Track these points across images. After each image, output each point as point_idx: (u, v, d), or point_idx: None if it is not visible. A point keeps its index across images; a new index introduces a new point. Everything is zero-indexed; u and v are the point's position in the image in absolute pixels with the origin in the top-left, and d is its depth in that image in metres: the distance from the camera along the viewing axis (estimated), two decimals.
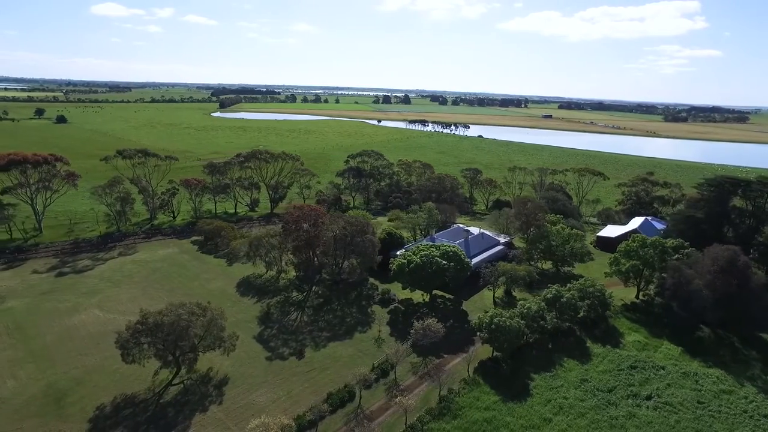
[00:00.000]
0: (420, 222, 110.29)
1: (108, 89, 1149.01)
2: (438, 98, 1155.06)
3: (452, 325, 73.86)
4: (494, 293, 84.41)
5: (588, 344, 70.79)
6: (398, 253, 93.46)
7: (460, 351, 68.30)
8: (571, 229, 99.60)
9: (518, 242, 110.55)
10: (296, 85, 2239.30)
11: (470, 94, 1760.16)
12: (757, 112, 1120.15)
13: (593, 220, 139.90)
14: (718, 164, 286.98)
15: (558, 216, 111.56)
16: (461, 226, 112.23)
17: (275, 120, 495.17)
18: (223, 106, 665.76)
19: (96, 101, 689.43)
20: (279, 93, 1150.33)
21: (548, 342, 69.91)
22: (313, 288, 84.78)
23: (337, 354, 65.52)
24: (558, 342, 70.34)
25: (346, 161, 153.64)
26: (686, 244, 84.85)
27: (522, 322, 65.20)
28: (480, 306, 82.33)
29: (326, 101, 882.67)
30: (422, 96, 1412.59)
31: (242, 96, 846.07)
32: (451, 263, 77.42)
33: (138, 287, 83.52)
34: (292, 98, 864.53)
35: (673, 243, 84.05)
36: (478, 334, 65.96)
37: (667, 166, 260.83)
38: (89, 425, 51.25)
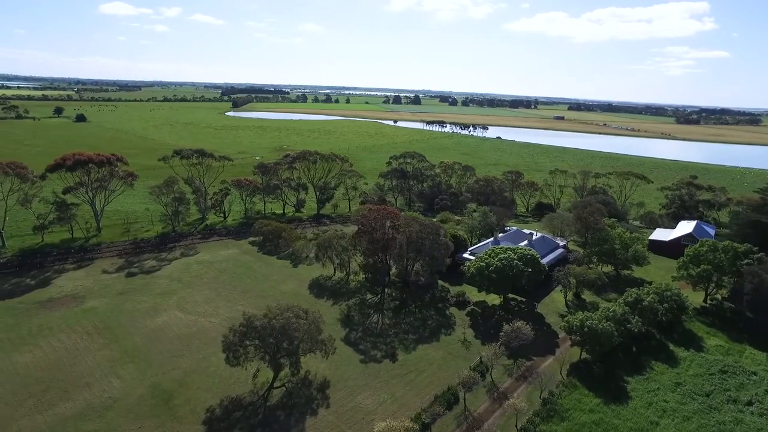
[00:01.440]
0: (476, 224, 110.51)
1: (118, 88, 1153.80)
2: (447, 99, 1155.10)
3: (533, 327, 73.98)
4: (566, 296, 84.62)
5: (671, 347, 71.04)
6: (465, 255, 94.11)
7: (547, 353, 68.73)
8: (631, 233, 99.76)
9: (571, 245, 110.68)
10: (303, 84, 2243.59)
11: (477, 94, 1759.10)
12: (766, 114, 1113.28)
13: (636, 223, 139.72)
14: (742, 167, 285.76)
15: (612, 219, 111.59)
16: (512, 228, 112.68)
17: (292, 120, 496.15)
18: (236, 105, 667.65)
19: (109, 100, 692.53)
20: (288, 93, 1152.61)
21: (632, 345, 70.13)
22: (385, 290, 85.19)
23: (428, 356, 65.92)
24: (641, 345, 70.60)
25: (389, 162, 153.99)
26: (755, 248, 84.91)
27: (613, 325, 65.35)
28: (552, 308, 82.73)
29: (337, 101, 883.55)
30: (430, 96, 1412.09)
31: (253, 96, 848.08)
32: (529, 266, 77.69)
33: (210, 288, 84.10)
34: (303, 98, 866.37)
35: (743, 248, 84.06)
36: (570, 336, 66.11)
37: (693, 169, 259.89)
38: (204, 427, 51.69)
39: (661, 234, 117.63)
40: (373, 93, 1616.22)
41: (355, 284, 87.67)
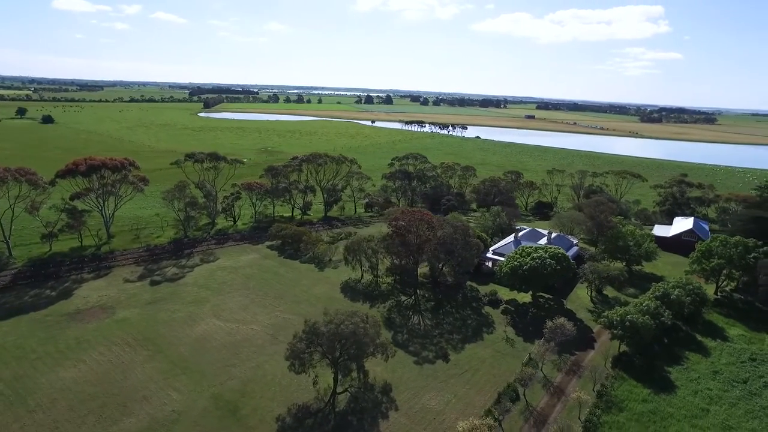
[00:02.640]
0: (489, 224, 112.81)
1: (78, 88, 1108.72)
2: (418, 98, 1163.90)
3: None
4: (592, 292, 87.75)
5: (699, 338, 74.96)
6: (488, 255, 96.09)
7: (587, 348, 71.40)
8: (641, 231, 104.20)
9: (580, 243, 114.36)
10: (271, 84, 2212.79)
11: (446, 94, 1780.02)
12: (720, 113, 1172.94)
13: (633, 221, 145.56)
14: (710, 165, 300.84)
15: (619, 217, 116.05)
16: (524, 227, 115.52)
17: (270, 121, 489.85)
18: (207, 106, 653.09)
19: (72, 100, 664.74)
20: (257, 93, 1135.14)
21: (663, 337, 73.55)
22: (417, 291, 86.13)
23: (478, 355, 67.31)
24: (670, 336, 74.16)
25: (391, 164, 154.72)
26: (760, 243, 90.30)
27: (651, 319, 68.44)
28: (579, 304, 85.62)
29: (309, 101, 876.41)
30: (401, 96, 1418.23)
31: (224, 96, 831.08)
32: (560, 264, 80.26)
33: (241, 295, 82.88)
34: (274, 98, 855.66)
35: (752, 242, 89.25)
36: (612, 331, 68.67)
37: (669, 166, 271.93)
38: None
39: (660, 230, 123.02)
40: (342, 93, 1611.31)
41: (386, 286, 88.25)
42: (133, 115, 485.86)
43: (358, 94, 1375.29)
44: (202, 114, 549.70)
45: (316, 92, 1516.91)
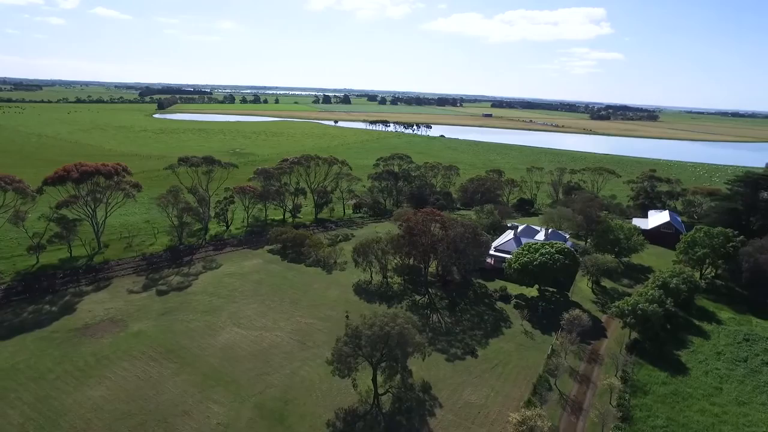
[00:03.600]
0: (484, 222, 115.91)
1: (12, 87, 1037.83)
2: (375, 98, 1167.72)
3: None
4: (592, 283, 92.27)
5: (696, 323, 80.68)
6: (492, 252, 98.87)
7: (600, 336, 75.37)
8: (628, 224, 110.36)
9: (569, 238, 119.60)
10: (224, 84, 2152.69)
11: (401, 93, 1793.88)
12: (660, 111, 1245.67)
13: (613, 215, 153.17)
14: (665, 160, 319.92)
15: (605, 212, 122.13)
16: (514, 224, 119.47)
17: (231, 122, 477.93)
18: (161, 107, 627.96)
19: (9, 100, 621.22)
20: (210, 93, 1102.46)
21: (666, 323, 78.59)
22: (429, 290, 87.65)
23: (503, 349, 69.61)
24: (671, 322, 79.27)
25: (377, 164, 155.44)
26: (736, 233, 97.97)
27: (659, 308, 73.08)
28: (582, 296, 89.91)
29: (266, 101, 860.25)
30: (357, 95, 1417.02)
31: (177, 97, 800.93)
32: (567, 259, 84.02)
33: (255, 301, 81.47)
34: (230, 99, 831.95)
35: (730, 232, 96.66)
36: (626, 320, 72.64)
37: (628, 162, 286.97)
38: None
39: (639, 223, 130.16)
40: (297, 93, 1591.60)
41: (397, 287, 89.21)
42: (84, 117, 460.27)
43: (315, 93, 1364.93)
44: (157, 115, 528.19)
45: (270, 92, 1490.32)
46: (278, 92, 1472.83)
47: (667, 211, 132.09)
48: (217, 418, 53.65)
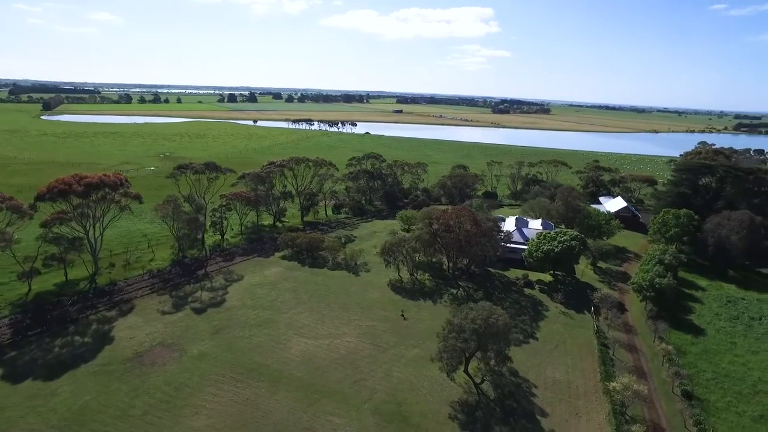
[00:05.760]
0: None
1: None
2: (280, 95, 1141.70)
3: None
4: (591, 265, 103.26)
5: (687, 291, 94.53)
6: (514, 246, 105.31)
7: (622, 311, 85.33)
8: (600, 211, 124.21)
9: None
10: (113, 83, 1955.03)
11: (305, 90, 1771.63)
12: (548, 104, 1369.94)
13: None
14: (580, 150, 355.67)
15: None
16: (499, 216, 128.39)
17: (147, 124, 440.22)
18: (47, 107, 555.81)
19: None
20: (98, 92, 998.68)
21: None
22: (460, 284, 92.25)
23: (554, 330, 76.55)
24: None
25: (351, 164, 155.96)
26: (692, 213, 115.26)
27: (673, 281, 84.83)
28: (588, 277, 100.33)
29: (167, 101, 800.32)
30: (261, 93, 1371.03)
31: (64, 96, 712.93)
32: (582, 245, 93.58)
33: (304, 310, 79.79)
34: (127, 98, 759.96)
35: (690, 213, 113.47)
36: (647, 293, 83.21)
37: (552, 154, 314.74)
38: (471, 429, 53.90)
39: (600, 209, 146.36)
40: (195, 92, 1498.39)
41: (429, 283, 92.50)
42: None
43: (215, 92, 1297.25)
44: (46, 117, 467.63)
45: (165, 90, 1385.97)
46: (175, 91, 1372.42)
47: (619, 197, 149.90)
48: (345, 430, 53.41)
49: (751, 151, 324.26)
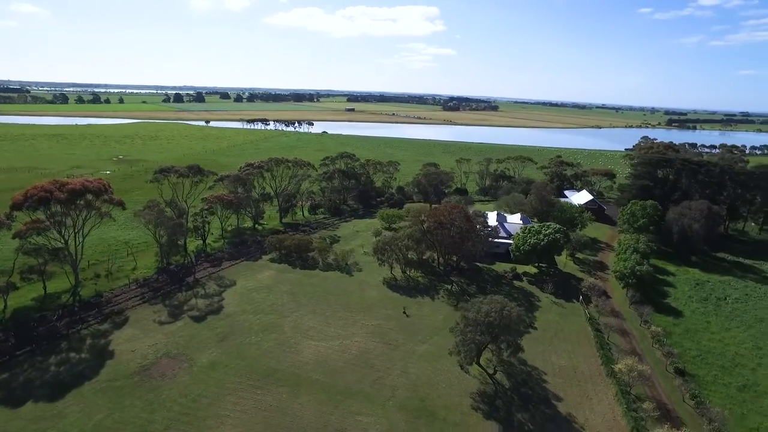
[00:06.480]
0: None
1: None
2: (227, 95, 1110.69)
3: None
4: (573, 256, 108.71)
5: (659, 276, 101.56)
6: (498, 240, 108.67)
7: (606, 297, 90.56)
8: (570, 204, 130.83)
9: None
10: (43, 81, 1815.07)
11: (253, 89, 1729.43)
12: (494, 101, 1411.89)
13: None
14: (538, 146, 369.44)
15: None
16: (476, 210, 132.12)
17: (84, 125, 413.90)
18: None
19: None
20: (26, 91, 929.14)
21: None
22: (452, 279, 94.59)
23: (549, 319, 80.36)
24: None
25: (325, 164, 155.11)
26: (656, 204, 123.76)
27: (650, 268, 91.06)
28: (569, 267, 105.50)
29: (108, 101, 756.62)
30: (208, 93, 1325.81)
31: None
32: (566, 238, 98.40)
33: (306, 312, 79.18)
34: (63, 98, 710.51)
35: (655, 204, 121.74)
36: (629, 280, 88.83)
37: (516, 150, 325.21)
38: (494, 422, 55.80)
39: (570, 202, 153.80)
40: (137, 91, 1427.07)
41: (422, 279, 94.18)
42: None
43: (161, 92, 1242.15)
44: None
45: (103, 90, 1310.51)
46: (115, 91, 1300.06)
47: (585, 190, 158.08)
48: (375, 429, 53.98)
49: (687, 145, 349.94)
